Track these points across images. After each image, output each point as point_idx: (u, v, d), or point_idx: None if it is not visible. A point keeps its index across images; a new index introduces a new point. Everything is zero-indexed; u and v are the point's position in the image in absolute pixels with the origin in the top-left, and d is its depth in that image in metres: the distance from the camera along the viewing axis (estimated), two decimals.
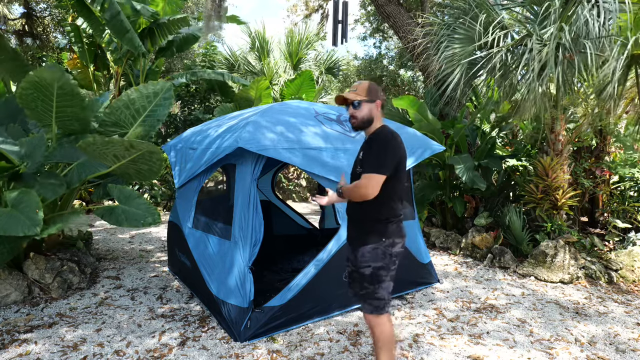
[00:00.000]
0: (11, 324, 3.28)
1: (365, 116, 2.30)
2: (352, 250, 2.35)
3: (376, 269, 2.22)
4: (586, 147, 5.79)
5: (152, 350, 2.92)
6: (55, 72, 3.47)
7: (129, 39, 6.93)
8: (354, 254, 2.31)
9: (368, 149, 2.25)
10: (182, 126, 9.16)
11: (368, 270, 2.23)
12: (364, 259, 2.24)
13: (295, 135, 3.31)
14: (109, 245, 5.86)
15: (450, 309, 3.74)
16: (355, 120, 2.31)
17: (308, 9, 14.92)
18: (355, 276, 2.31)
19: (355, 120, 2.31)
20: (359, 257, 2.26)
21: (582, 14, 4.07)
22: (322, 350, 2.95)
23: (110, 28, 6.87)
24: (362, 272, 2.25)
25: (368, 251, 2.24)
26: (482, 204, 6.03)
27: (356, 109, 2.30)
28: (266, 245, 3.78)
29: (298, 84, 9.39)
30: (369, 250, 2.24)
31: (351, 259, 2.35)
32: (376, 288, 2.23)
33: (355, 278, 2.31)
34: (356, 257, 2.28)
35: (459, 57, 5.05)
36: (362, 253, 2.25)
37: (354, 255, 2.31)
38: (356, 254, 2.29)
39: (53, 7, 12.19)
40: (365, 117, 2.30)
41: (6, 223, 3.13)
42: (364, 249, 2.25)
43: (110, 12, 6.66)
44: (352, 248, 2.34)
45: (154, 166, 3.81)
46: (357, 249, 2.28)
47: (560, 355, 2.96)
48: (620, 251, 4.83)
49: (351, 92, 2.34)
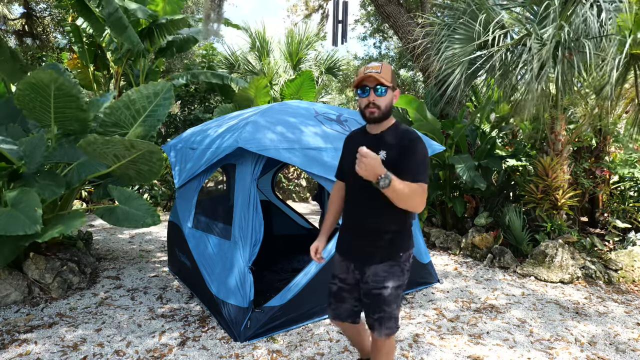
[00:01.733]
0: (11, 324, 3.28)
1: (389, 106, 1.89)
2: (359, 268, 1.99)
3: (393, 288, 1.93)
4: (586, 147, 5.79)
5: (152, 350, 2.92)
6: (52, 74, 3.47)
7: (127, 36, 6.94)
8: (364, 273, 1.97)
9: (408, 152, 1.83)
10: (182, 126, 9.17)
11: (386, 291, 1.92)
12: (379, 279, 1.93)
13: (295, 135, 3.31)
14: (109, 245, 5.86)
15: (450, 309, 3.74)
16: (378, 110, 1.87)
17: (308, 9, 14.92)
18: (368, 299, 1.97)
19: (378, 110, 1.87)
20: (372, 276, 1.94)
21: (581, 12, 4.07)
22: (322, 350, 2.95)
23: (109, 25, 6.87)
24: (378, 292, 1.93)
25: (384, 270, 1.93)
26: (482, 204, 6.03)
27: (382, 97, 1.86)
28: (266, 245, 3.79)
29: (298, 84, 9.39)
30: (386, 268, 1.93)
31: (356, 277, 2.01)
32: (393, 309, 1.96)
33: (370, 302, 1.97)
34: (369, 277, 1.95)
35: (459, 57, 5.05)
36: (375, 272, 1.93)
37: (364, 273, 1.97)
38: (367, 272, 1.96)
39: (53, 7, 12.19)
40: (389, 107, 1.90)
41: (6, 223, 3.13)
42: (378, 268, 1.93)
43: (108, 9, 6.67)
44: (359, 264, 1.99)
45: (154, 167, 3.81)
46: (368, 265, 1.95)
47: (560, 355, 2.96)
48: (620, 251, 4.83)
49: (376, 74, 1.84)
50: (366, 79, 1.86)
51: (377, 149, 1.87)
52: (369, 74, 1.84)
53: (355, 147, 1.82)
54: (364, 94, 1.89)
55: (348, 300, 2.11)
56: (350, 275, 2.06)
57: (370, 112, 1.89)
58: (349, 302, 2.11)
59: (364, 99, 1.90)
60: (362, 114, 1.94)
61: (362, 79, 1.87)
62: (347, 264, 2.05)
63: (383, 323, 1.96)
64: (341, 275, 2.09)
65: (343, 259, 2.08)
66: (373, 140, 1.95)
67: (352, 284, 2.07)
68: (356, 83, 1.91)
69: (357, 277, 2.03)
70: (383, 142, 1.92)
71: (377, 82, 1.85)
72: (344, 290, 2.10)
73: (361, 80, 1.87)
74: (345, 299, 2.11)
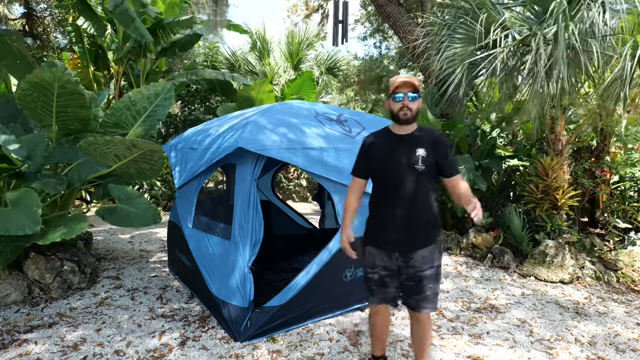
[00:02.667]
0: (11, 324, 3.28)
1: (418, 110, 2.21)
2: (404, 255, 2.24)
3: (436, 267, 2.25)
4: (586, 147, 5.79)
5: (152, 350, 2.92)
6: (56, 72, 3.48)
7: (135, 28, 6.82)
8: (410, 258, 2.22)
9: (441, 149, 2.19)
10: (182, 126, 9.17)
11: (431, 270, 2.22)
12: (426, 261, 2.21)
13: (296, 136, 3.31)
14: (109, 245, 5.86)
15: (451, 309, 3.73)
16: (411, 112, 2.18)
17: (308, 9, 14.93)
18: (414, 282, 2.23)
19: (411, 112, 2.18)
20: (419, 259, 2.21)
21: (587, 13, 4.06)
22: (322, 350, 2.95)
23: (116, 17, 6.80)
24: (424, 274, 2.21)
25: (430, 252, 2.23)
26: (482, 204, 6.02)
27: (413, 102, 2.18)
28: (266, 245, 3.78)
29: (298, 84, 9.39)
30: (430, 250, 2.23)
31: (399, 264, 2.26)
32: (436, 286, 2.26)
33: (415, 284, 2.23)
34: (415, 260, 2.21)
35: (460, 57, 5.05)
36: (422, 255, 2.21)
37: (409, 259, 2.22)
38: (412, 257, 2.22)
39: (53, 7, 12.20)
40: (418, 111, 2.21)
41: (7, 223, 3.14)
42: (424, 252, 2.22)
43: (114, 0, 6.63)
44: (405, 252, 2.24)
45: (155, 165, 3.81)
46: (415, 251, 2.22)
47: (560, 355, 2.96)
48: (620, 251, 4.83)
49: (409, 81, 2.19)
50: (401, 85, 2.16)
51: (415, 147, 2.19)
52: (403, 81, 2.16)
53: (385, 146, 2.25)
54: (398, 99, 2.17)
55: (391, 285, 2.32)
56: (394, 262, 2.27)
57: (404, 114, 2.17)
58: (392, 286, 2.33)
59: (398, 103, 2.18)
60: (395, 115, 2.21)
61: (397, 85, 2.17)
62: (390, 253, 2.27)
63: (430, 299, 2.23)
64: (382, 264, 2.29)
65: (383, 249, 2.29)
66: (406, 139, 2.23)
67: (394, 270, 2.29)
68: (392, 90, 2.19)
69: (400, 264, 2.26)
70: (418, 141, 2.21)
71: (410, 89, 2.16)
72: (387, 276, 2.31)
73: (397, 86, 2.17)
74: (389, 284, 2.32)
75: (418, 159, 2.16)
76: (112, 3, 6.64)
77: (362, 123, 3.88)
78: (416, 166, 2.15)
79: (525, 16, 5.14)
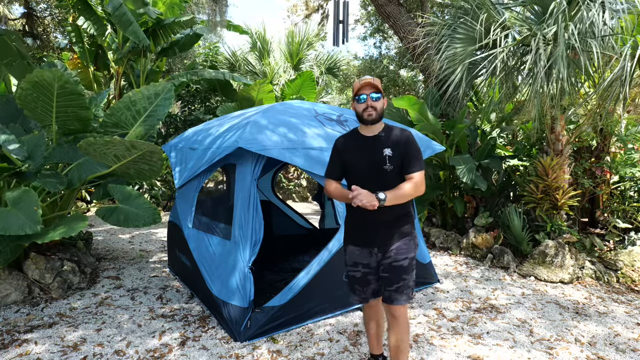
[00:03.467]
0: (11, 324, 3.28)
1: (382, 109, 2.29)
2: (382, 249, 2.33)
3: (411, 259, 2.33)
4: (586, 147, 5.79)
5: (152, 350, 2.92)
6: (56, 72, 3.48)
7: (132, 31, 6.87)
8: (387, 250, 2.31)
9: (406, 147, 2.25)
10: (182, 126, 9.16)
11: (406, 261, 2.30)
12: (401, 252, 2.30)
13: (296, 136, 3.31)
14: (109, 245, 5.86)
15: (451, 309, 3.74)
16: (375, 112, 2.25)
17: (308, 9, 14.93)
18: (389, 272, 2.31)
19: (375, 112, 2.25)
20: (395, 251, 2.30)
21: (587, 13, 4.05)
22: (322, 350, 2.95)
23: (114, 20, 6.83)
24: (399, 264, 2.29)
25: (405, 243, 2.32)
26: (482, 204, 6.03)
27: (377, 101, 2.25)
28: (266, 245, 3.78)
29: (299, 84, 9.40)
30: (405, 242, 2.32)
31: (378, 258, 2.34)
32: (410, 277, 2.33)
33: (390, 275, 2.31)
34: (391, 252, 2.30)
35: (461, 57, 5.05)
36: (398, 247, 2.30)
37: (386, 251, 2.31)
38: (390, 249, 2.31)
39: (53, 7, 12.19)
40: (382, 111, 2.29)
41: (7, 222, 3.14)
42: (400, 243, 2.31)
43: (113, 3, 6.65)
44: (383, 246, 2.32)
45: (155, 166, 3.82)
46: (392, 244, 2.31)
47: (561, 355, 2.96)
48: (620, 251, 4.83)
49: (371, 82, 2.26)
50: (363, 87, 2.25)
51: (381, 148, 2.25)
52: (365, 82, 2.24)
53: (354, 147, 2.33)
54: (361, 101, 2.25)
55: (372, 282, 2.41)
56: (373, 258, 2.36)
57: (368, 115, 2.25)
58: (374, 283, 2.41)
59: (361, 104, 2.26)
60: (360, 117, 2.28)
61: (360, 87, 2.25)
62: (369, 250, 2.36)
63: (403, 290, 2.29)
64: (364, 262, 2.38)
65: (363, 247, 2.37)
66: (374, 140, 2.30)
67: (374, 266, 2.38)
68: (355, 92, 2.27)
69: (378, 258, 2.35)
70: (385, 141, 2.28)
71: (372, 89, 2.25)
72: (369, 273, 2.39)
73: (359, 88, 2.25)
74: (371, 281, 2.41)
75: (385, 158, 2.24)
76: (111, 6, 6.65)
77: None
78: (384, 166, 2.23)
79: (525, 16, 5.14)
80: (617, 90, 4.14)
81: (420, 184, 2.23)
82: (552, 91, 4.38)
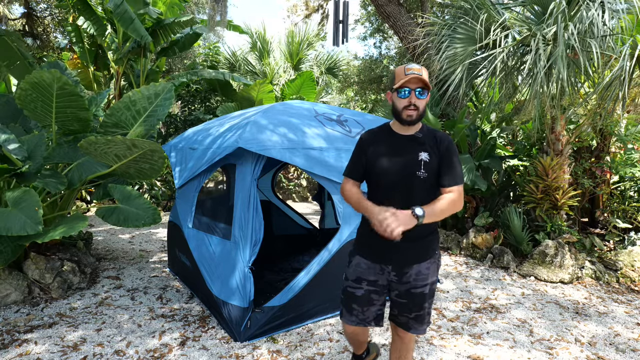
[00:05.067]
0: (11, 324, 3.28)
1: (425, 109, 1.91)
2: (398, 269, 1.99)
3: (432, 284, 2.01)
4: (586, 147, 5.79)
5: (152, 350, 2.92)
6: (55, 73, 3.47)
7: (134, 29, 6.88)
8: (405, 273, 1.98)
9: (447, 154, 1.90)
10: (182, 126, 9.17)
11: (427, 288, 1.98)
12: (421, 277, 1.97)
13: (297, 136, 3.31)
14: (109, 245, 5.86)
15: (451, 309, 3.74)
16: (417, 111, 1.87)
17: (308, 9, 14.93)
18: (407, 299, 2.00)
19: (417, 111, 1.87)
20: (416, 275, 1.97)
21: (587, 13, 4.06)
22: (322, 351, 2.95)
23: (115, 18, 6.84)
24: (419, 292, 1.98)
25: (427, 267, 1.99)
26: (482, 204, 6.03)
27: (422, 98, 1.87)
28: (266, 245, 3.79)
29: (299, 84, 9.40)
30: (427, 266, 1.99)
31: (391, 279, 2.00)
32: (430, 304, 2.04)
33: (407, 301, 2.00)
34: (410, 276, 1.97)
35: (461, 57, 5.05)
36: (419, 271, 1.97)
37: (404, 274, 1.98)
38: (409, 272, 1.97)
39: (53, 7, 12.19)
40: (424, 109, 1.91)
41: (8, 222, 3.14)
42: (421, 267, 1.98)
43: (114, 1, 6.65)
44: (401, 267, 1.98)
45: (156, 165, 3.81)
46: (412, 266, 1.97)
47: (561, 355, 2.96)
48: (620, 251, 4.83)
49: (419, 76, 1.84)
50: (409, 80, 1.85)
51: (417, 150, 1.91)
52: (413, 75, 1.83)
53: (385, 147, 1.95)
54: (404, 95, 1.87)
55: (376, 303, 2.07)
56: (384, 277, 2.02)
57: (408, 115, 1.88)
58: (377, 305, 2.07)
59: (403, 100, 1.87)
60: (398, 114, 1.91)
61: (405, 80, 1.84)
62: (382, 267, 2.01)
63: (423, 319, 2.02)
64: (371, 278, 2.02)
65: (374, 263, 2.01)
66: (408, 141, 1.95)
67: (383, 285, 2.04)
68: (398, 84, 1.87)
69: (392, 279, 2.01)
70: (421, 143, 1.93)
71: (419, 84, 1.86)
72: (374, 292, 2.04)
73: (405, 81, 1.85)
74: (374, 302, 2.06)
75: (420, 164, 1.88)
76: (112, 4, 6.65)
77: (362, 123, 3.88)
78: (418, 173, 1.88)
79: (525, 16, 5.14)
80: (616, 90, 4.14)
81: (460, 200, 1.89)
82: (552, 91, 4.38)
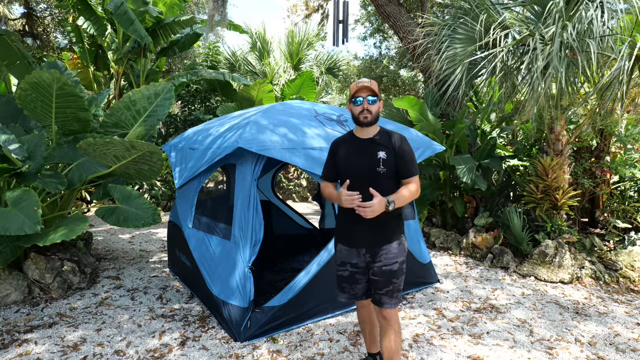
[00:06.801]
0: (11, 324, 3.28)
1: (377, 112, 2.30)
2: (371, 251, 2.33)
3: (401, 263, 2.33)
4: (586, 147, 5.79)
5: (152, 350, 2.92)
6: (54, 73, 3.47)
7: (134, 29, 6.87)
8: (376, 253, 2.31)
9: (401, 151, 2.27)
10: (182, 126, 9.17)
11: (396, 265, 2.31)
12: (390, 256, 2.30)
13: (296, 136, 3.31)
14: (109, 245, 5.86)
15: (451, 309, 3.74)
16: (371, 115, 2.26)
17: (308, 9, 14.93)
18: (379, 276, 2.31)
19: (371, 115, 2.26)
20: (385, 254, 2.30)
21: (586, 13, 4.06)
22: (322, 350, 2.95)
23: (115, 18, 6.84)
24: (389, 268, 2.30)
25: (395, 247, 2.32)
26: (482, 204, 6.03)
27: (373, 105, 2.27)
28: (266, 245, 3.79)
29: (298, 84, 9.40)
30: (395, 246, 2.32)
31: (367, 260, 2.35)
32: (400, 281, 2.34)
33: (379, 278, 2.31)
34: (381, 256, 2.30)
35: (460, 57, 5.05)
36: (388, 250, 2.30)
37: (376, 254, 2.31)
38: (380, 252, 2.31)
39: (53, 7, 12.19)
40: (377, 113, 2.30)
41: (6, 222, 3.14)
42: (391, 247, 2.31)
43: (114, 2, 6.65)
44: (373, 248, 2.33)
45: (154, 166, 3.81)
46: (381, 247, 2.30)
47: (561, 355, 2.96)
48: (620, 251, 4.83)
49: (368, 85, 2.27)
50: (360, 90, 2.26)
51: (376, 150, 2.28)
52: (362, 85, 2.25)
53: (349, 149, 2.36)
54: (358, 103, 2.27)
55: (361, 281, 2.42)
56: (362, 259, 2.37)
57: (364, 117, 2.26)
58: (362, 282, 2.42)
59: (358, 107, 2.27)
60: (356, 119, 2.30)
61: (356, 90, 2.26)
62: (358, 250, 2.36)
63: (393, 294, 2.32)
64: (352, 261, 2.39)
65: (352, 247, 2.38)
66: (368, 143, 2.32)
67: (363, 266, 2.39)
68: (352, 94, 2.28)
69: (367, 259, 2.35)
70: (379, 144, 2.30)
71: (369, 92, 2.26)
72: (357, 272, 2.41)
73: (356, 91, 2.26)
74: (359, 280, 2.42)
75: (379, 161, 2.25)
76: (112, 5, 6.66)
77: None
78: (377, 169, 2.25)
79: (525, 16, 5.14)
80: (615, 90, 4.14)
81: (417, 188, 2.29)
82: (550, 91, 4.37)
